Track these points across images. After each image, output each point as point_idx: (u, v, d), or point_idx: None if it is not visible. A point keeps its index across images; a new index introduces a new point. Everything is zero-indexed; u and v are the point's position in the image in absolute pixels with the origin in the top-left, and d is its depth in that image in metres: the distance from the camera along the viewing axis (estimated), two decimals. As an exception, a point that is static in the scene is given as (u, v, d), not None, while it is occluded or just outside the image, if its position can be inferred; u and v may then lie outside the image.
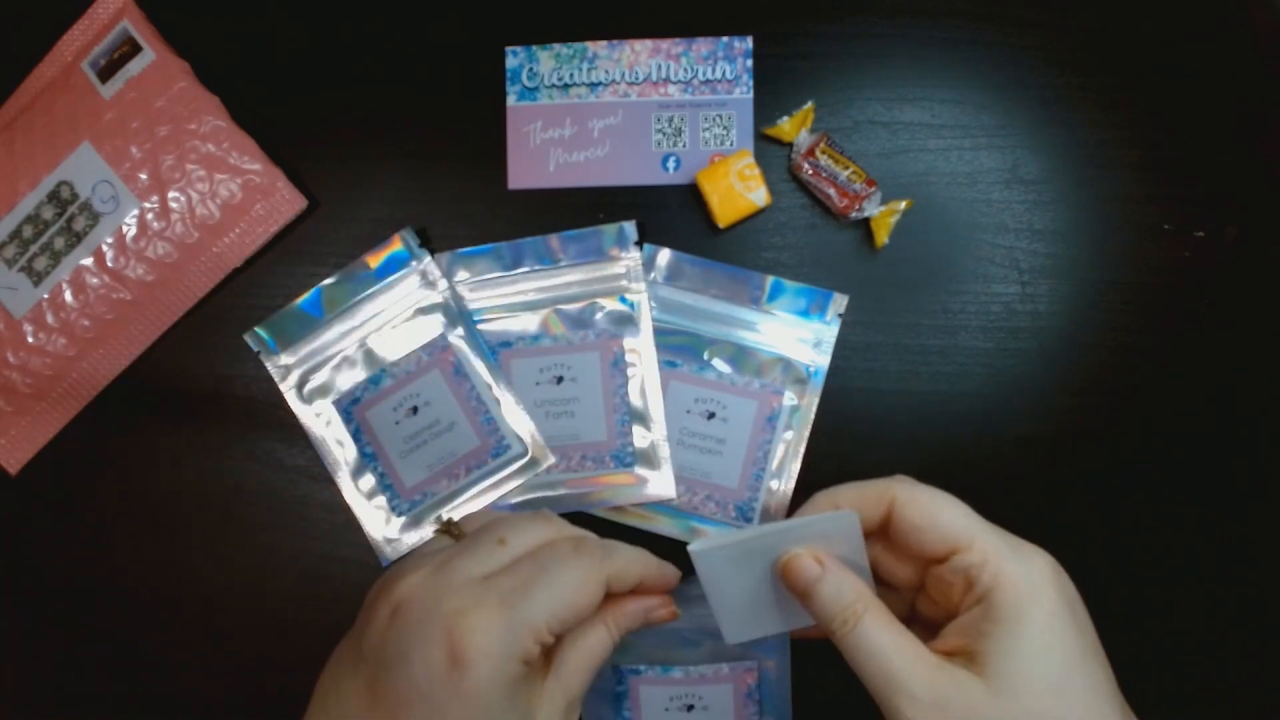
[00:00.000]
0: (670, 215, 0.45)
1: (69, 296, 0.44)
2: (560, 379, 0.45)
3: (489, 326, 0.45)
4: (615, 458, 0.44)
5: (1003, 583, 0.30)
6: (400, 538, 0.45)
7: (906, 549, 0.34)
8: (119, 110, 0.44)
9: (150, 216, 0.44)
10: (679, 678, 0.43)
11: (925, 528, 0.33)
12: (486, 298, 0.45)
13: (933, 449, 0.44)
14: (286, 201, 0.45)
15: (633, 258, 0.45)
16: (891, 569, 0.36)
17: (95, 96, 0.44)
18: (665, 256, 0.45)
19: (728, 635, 0.36)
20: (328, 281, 0.45)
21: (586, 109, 0.46)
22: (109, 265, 0.44)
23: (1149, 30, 0.44)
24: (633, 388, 0.44)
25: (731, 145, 0.45)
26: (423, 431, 0.44)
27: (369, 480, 0.45)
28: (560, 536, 0.33)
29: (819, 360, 0.44)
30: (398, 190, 0.46)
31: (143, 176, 0.44)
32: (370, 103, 0.46)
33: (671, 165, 0.46)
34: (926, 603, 0.35)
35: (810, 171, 0.43)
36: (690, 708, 0.43)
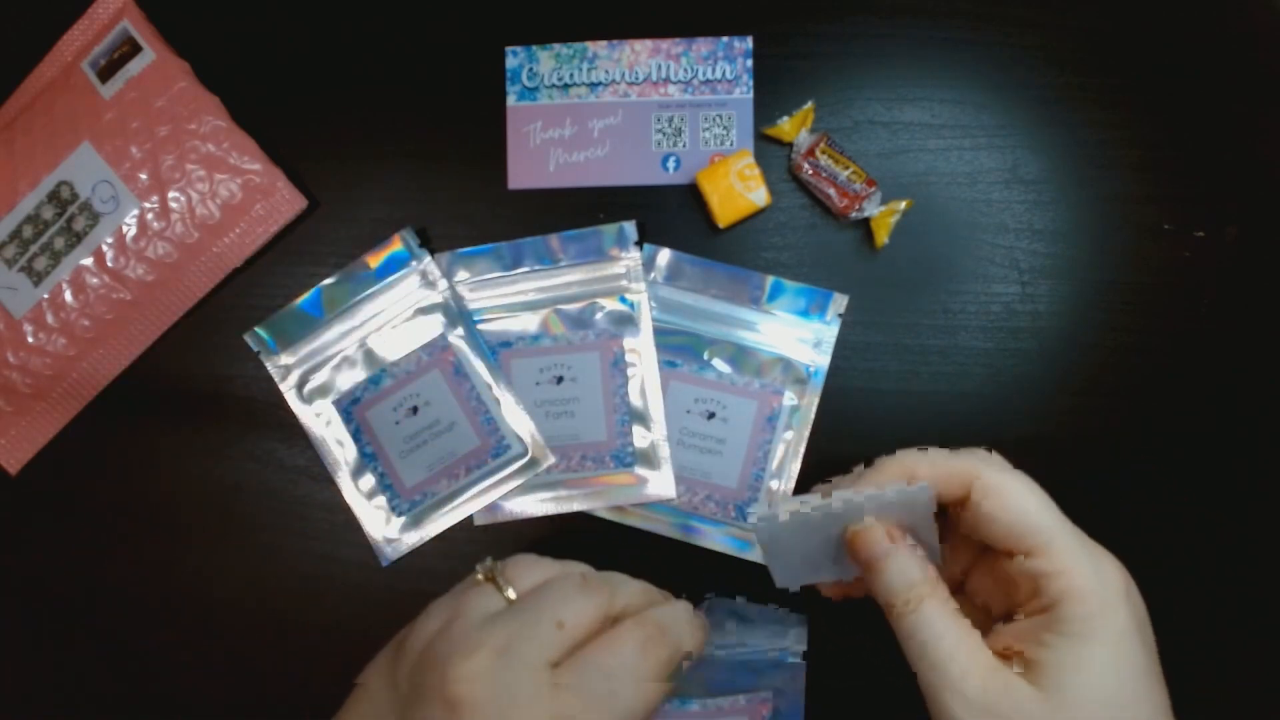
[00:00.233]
0: (670, 215, 0.45)
1: (69, 296, 0.44)
2: (560, 379, 0.45)
3: (489, 326, 0.45)
4: (615, 458, 0.44)
5: (1074, 595, 0.29)
6: (400, 537, 0.45)
7: (974, 535, 0.32)
8: (119, 110, 0.44)
9: (150, 216, 0.44)
10: (696, 710, 0.43)
11: (1004, 522, 0.30)
12: (486, 298, 0.45)
13: (933, 449, 0.44)
14: (286, 201, 0.45)
15: (633, 258, 0.45)
16: (944, 554, 0.34)
17: (95, 96, 0.44)
18: (665, 256, 0.45)
19: (779, 581, 0.35)
20: (328, 281, 0.45)
21: (586, 109, 0.46)
22: (109, 265, 0.44)
23: (1149, 30, 0.44)
24: (633, 388, 0.44)
25: (731, 145, 0.45)
26: (423, 431, 0.44)
27: (369, 480, 0.45)
28: (623, 634, 0.31)
29: (819, 360, 0.44)
30: (398, 190, 0.46)
31: (143, 176, 0.44)
32: (370, 103, 0.46)
33: (671, 165, 0.46)
34: (980, 590, 0.33)
35: (810, 171, 0.43)
36: None
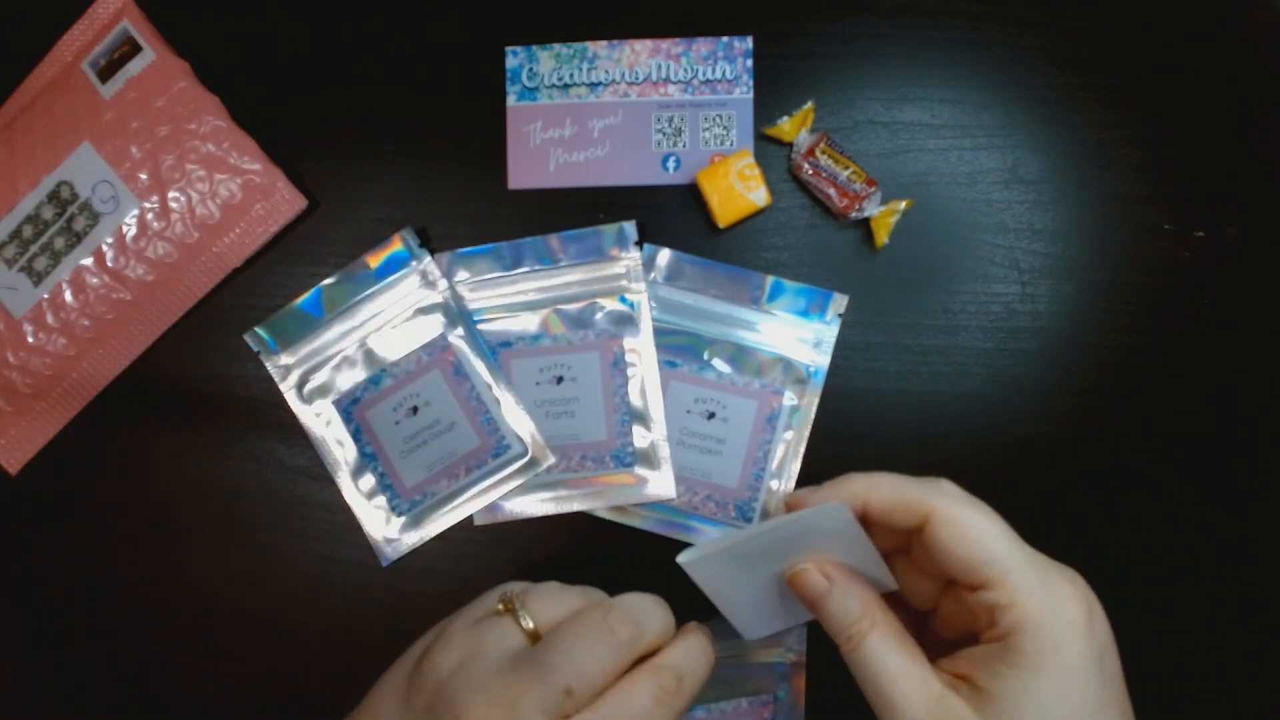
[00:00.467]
0: (670, 215, 0.45)
1: (69, 296, 0.44)
2: (560, 379, 0.45)
3: (489, 326, 0.45)
4: (615, 458, 0.44)
5: (1026, 628, 0.29)
6: (400, 537, 0.45)
7: (932, 565, 0.32)
8: (119, 110, 0.44)
9: (150, 216, 0.44)
10: (700, 716, 0.43)
11: (958, 556, 0.30)
12: (486, 298, 0.45)
13: (933, 449, 0.44)
14: (286, 201, 0.45)
15: (633, 258, 0.45)
16: (911, 582, 0.34)
17: (95, 96, 0.44)
18: (665, 256, 0.45)
19: (745, 633, 0.35)
20: (328, 281, 0.45)
21: (586, 109, 0.46)
22: (109, 265, 0.44)
23: (1149, 30, 0.44)
24: (633, 388, 0.44)
25: (731, 145, 0.45)
26: (423, 431, 0.44)
27: (369, 480, 0.45)
28: (639, 686, 0.30)
29: (819, 360, 0.44)
30: (398, 190, 0.46)
31: (143, 176, 0.44)
32: (370, 103, 0.46)
33: (671, 165, 0.46)
34: (946, 616, 0.34)
35: (810, 171, 0.43)
36: None
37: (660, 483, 0.44)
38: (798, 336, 0.44)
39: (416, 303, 0.45)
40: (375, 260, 0.45)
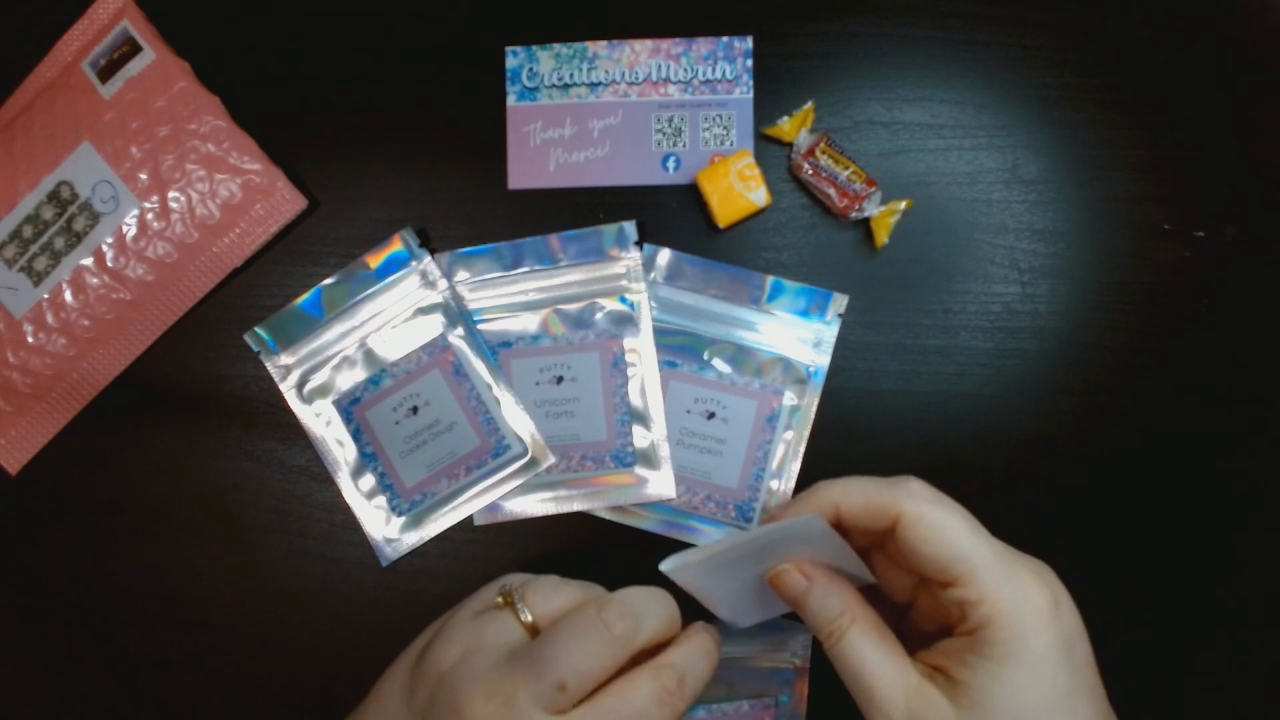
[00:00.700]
0: (670, 215, 0.45)
1: (69, 296, 0.44)
2: (560, 379, 0.45)
3: (489, 326, 0.45)
4: (615, 458, 0.44)
5: (994, 621, 0.30)
6: (400, 537, 0.45)
7: (903, 565, 0.33)
8: (119, 110, 0.44)
9: (150, 216, 0.44)
10: (702, 717, 0.43)
11: (927, 555, 0.31)
12: (486, 298, 0.45)
13: (933, 449, 0.44)
14: (286, 201, 0.45)
15: (633, 258, 0.45)
16: (890, 577, 0.35)
17: (95, 96, 0.44)
18: (665, 256, 0.45)
19: (734, 623, 0.36)
20: (328, 281, 0.45)
21: (586, 109, 0.46)
22: (109, 265, 0.44)
23: (1149, 30, 0.44)
24: (633, 388, 0.44)
25: (731, 145, 0.45)
26: (423, 431, 0.44)
27: (369, 480, 0.45)
28: (639, 685, 0.31)
29: (819, 360, 0.44)
30: (398, 190, 0.46)
31: (143, 176, 0.44)
32: (370, 103, 0.46)
33: (671, 165, 0.46)
34: (923, 609, 0.35)
35: (810, 171, 0.43)
36: None
37: (660, 483, 0.44)
38: (798, 336, 0.44)
39: (416, 303, 0.45)
40: (375, 260, 0.45)
